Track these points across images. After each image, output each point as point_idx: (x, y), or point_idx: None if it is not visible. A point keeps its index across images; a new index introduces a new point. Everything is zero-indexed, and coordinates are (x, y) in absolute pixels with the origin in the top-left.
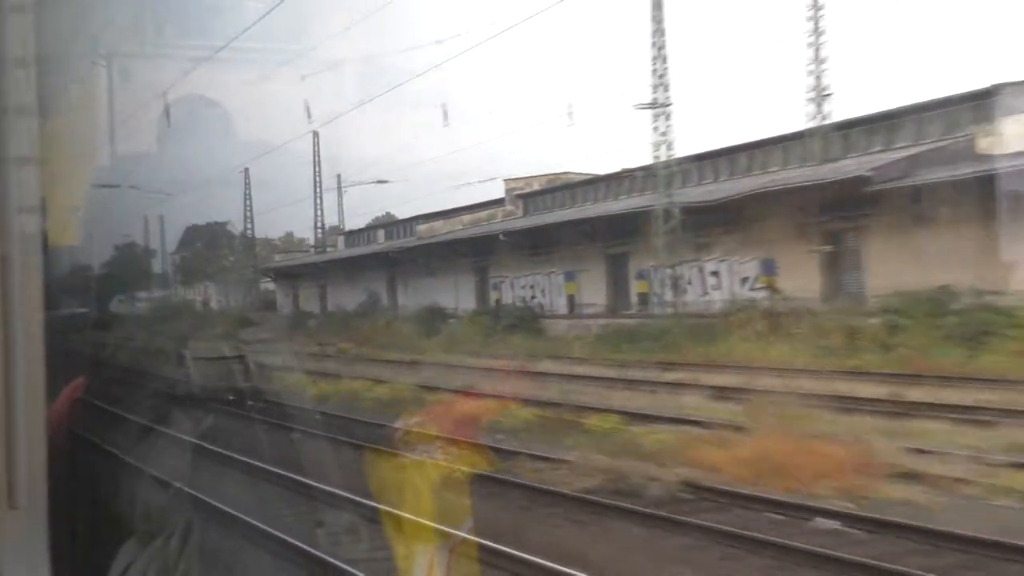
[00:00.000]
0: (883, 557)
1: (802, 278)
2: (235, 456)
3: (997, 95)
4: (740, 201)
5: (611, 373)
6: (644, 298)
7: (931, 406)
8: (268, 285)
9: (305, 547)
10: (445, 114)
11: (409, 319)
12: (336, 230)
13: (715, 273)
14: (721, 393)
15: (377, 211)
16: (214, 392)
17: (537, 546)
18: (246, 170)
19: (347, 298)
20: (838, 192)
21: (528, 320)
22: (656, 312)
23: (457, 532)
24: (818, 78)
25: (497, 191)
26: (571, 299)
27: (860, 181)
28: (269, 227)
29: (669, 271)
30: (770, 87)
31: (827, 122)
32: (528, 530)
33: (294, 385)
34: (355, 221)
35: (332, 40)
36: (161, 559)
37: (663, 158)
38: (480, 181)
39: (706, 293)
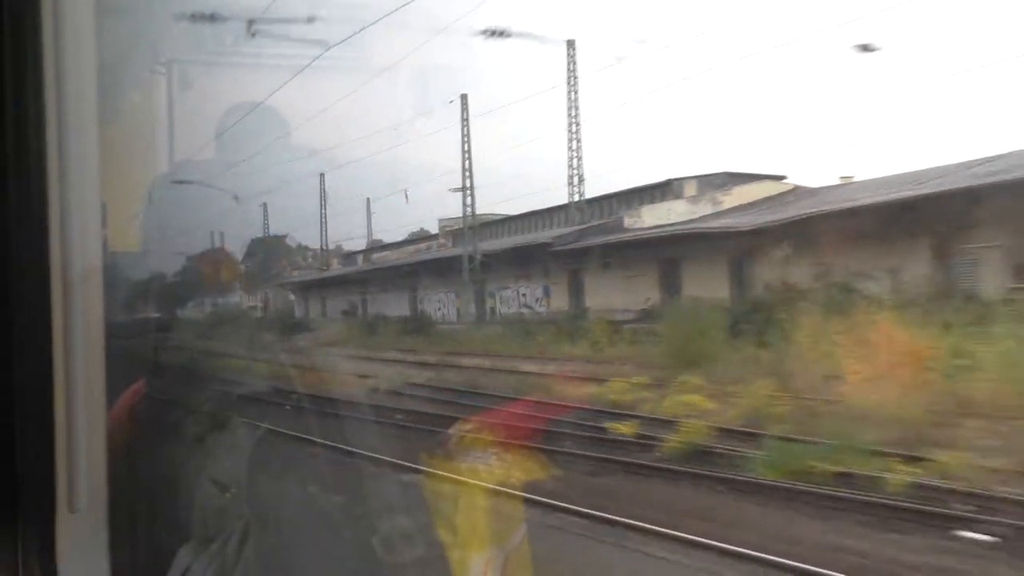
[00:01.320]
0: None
1: (561, 300)
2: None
3: (669, 185)
4: (522, 249)
5: (393, 355)
6: (493, 311)
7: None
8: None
9: None
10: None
11: (363, 324)
12: (378, 244)
13: (524, 295)
14: (384, 363)
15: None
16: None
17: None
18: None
19: (337, 308)
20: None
21: (426, 326)
22: (490, 321)
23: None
24: (575, 167)
25: None
26: (458, 311)
27: (547, 244)
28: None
29: (499, 293)
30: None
31: (580, 198)
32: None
33: (219, 364)
34: (394, 234)
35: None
36: (219, 562)
37: (469, 222)
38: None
39: (520, 308)
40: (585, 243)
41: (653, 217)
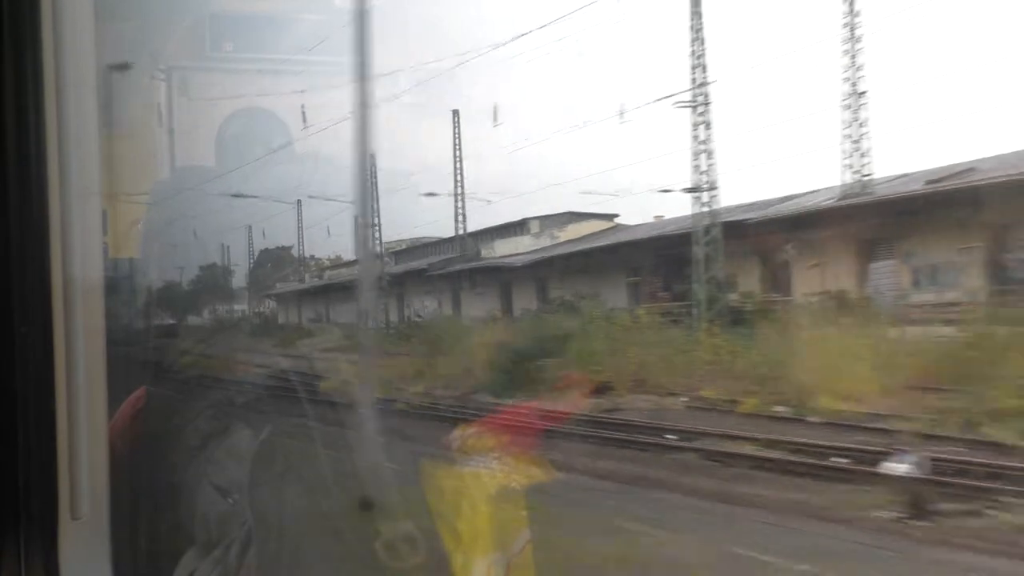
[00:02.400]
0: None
1: (449, 309)
2: None
3: (525, 223)
4: (413, 272)
5: (312, 353)
6: (408, 319)
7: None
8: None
9: None
10: None
11: (319, 330)
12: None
13: (426, 306)
14: (295, 359)
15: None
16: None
17: None
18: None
19: (308, 316)
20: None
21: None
22: (403, 326)
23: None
24: (460, 207)
25: None
26: (386, 319)
27: (423, 270)
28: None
29: (412, 305)
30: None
31: (464, 231)
32: None
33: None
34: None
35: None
36: (221, 568)
37: (377, 249)
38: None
39: (421, 317)
40: (451, 269)
41: (505, 249)
